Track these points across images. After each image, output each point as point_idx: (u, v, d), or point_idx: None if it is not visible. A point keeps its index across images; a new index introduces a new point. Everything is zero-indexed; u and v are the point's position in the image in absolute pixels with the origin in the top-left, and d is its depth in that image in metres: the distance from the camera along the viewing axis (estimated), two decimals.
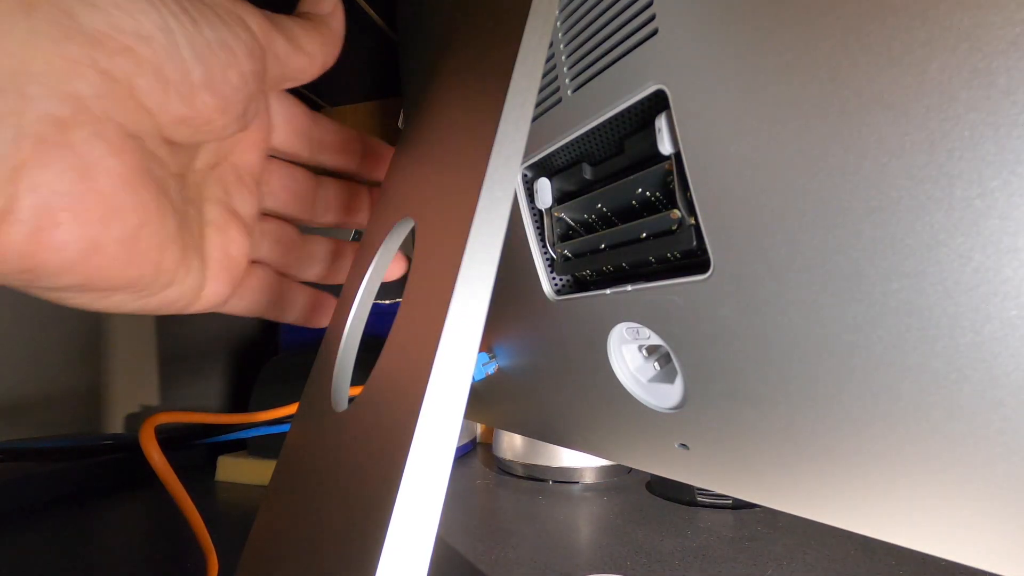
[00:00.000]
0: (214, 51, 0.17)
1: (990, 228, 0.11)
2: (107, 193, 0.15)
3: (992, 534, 0.13)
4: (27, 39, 0.13)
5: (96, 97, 0.15)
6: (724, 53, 0.15)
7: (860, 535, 0.16)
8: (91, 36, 0.14)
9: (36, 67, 0.14)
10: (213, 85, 0.17)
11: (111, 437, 0.56)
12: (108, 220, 0.15)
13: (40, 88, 0.14)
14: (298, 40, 0.20)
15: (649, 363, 0.24)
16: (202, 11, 0.17)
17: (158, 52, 0.15)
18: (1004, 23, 0.11)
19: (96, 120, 0.15)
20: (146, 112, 0.16)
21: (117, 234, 0.16)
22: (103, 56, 0.15)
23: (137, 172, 0.16)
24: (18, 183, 0.14)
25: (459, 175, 0.16)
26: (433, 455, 0.12)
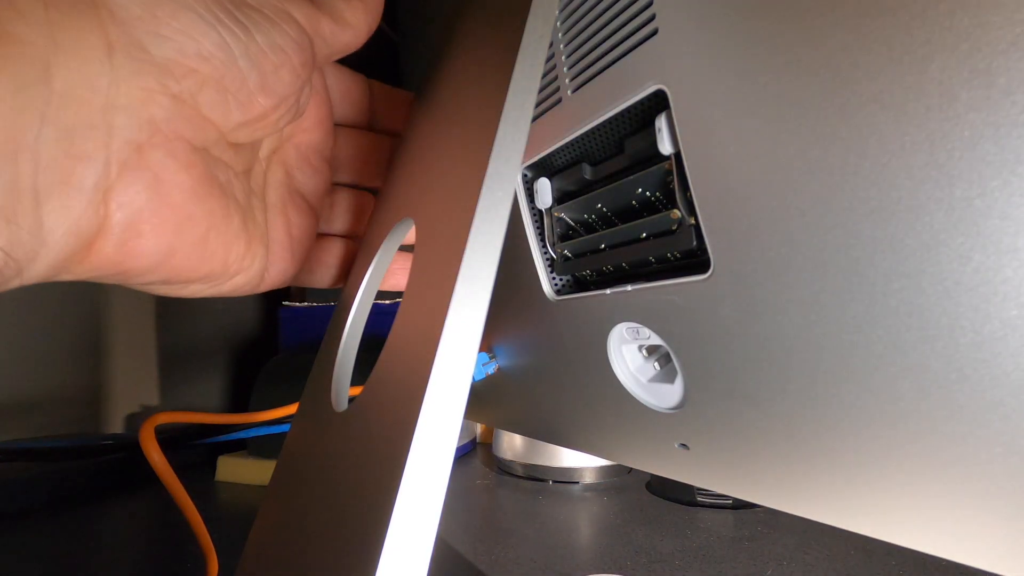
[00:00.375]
0: (266, 55, 0.18)
1: (990, 228, 0.11)
2: (179, 205, 0.17)
3: (992, 534, 0.13)
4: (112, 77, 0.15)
5: (167, 120, 0.17)
6: (724, 53, 0.15)
7: (860, 535, 0.16)
8: (161, 65, 0.16)
9: (120, 100, 0.15)
10: (267, 87, 0.18)
11: (111, 437, 0.56)
12: (181, 228, 0.18)
13: (124, 118, 0.16)
14: (342, 16, 0.21)
15: (649, 363, 0.24)
16: (252, 17, 0.18)
17: (218, 67, 0.17)
18: (1004, 23, 0.11)
19: (168, 140, 0.17)
20: (210, 124, 0.18)
21: (189, 239, 0.18)
22: (172, 81, 0.16)
23: (204, 182, 0.18)
24: (109, 204, 0.16)
25: (459, 175, 0.16)
26: (433, 455, 0.12)
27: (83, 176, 0.15)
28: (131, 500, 0.50)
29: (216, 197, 0.19)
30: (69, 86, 0.14)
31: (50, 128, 0.14)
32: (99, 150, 0.15)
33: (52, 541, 0.39)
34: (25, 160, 0.14)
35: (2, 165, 0.13)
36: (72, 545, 0.38)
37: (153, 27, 0.16)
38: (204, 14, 0.16)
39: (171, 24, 0.16)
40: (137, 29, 0.16)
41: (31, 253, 0.15)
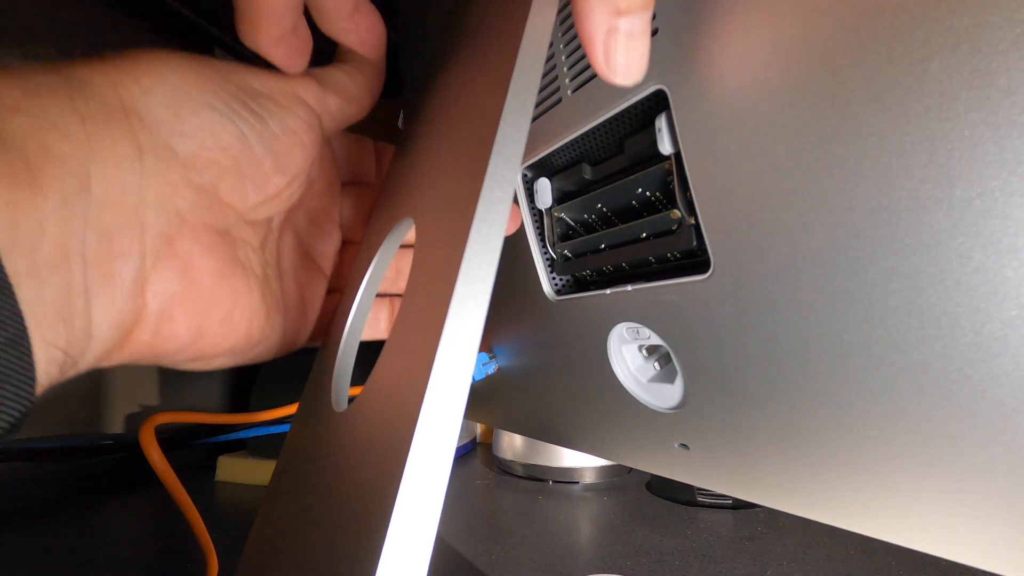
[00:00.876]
0: (279, 139, 0.19)
1: (990, 228, 0.11)
2: (206, 287, 0.19)
3: (992, 534, 0.13)
4: (142, 176, 0.16)
5: (192, 210, 0.18)
6: (724, 53, 0.15)
7: (860, 535, 0.16)
8: (185, 160, 0.17)
9: (150, 198, 0.17)
10: (281, 167, 0.20)
11: (111, 437, 0.56)
12: (208, 309, 0.19)
13: (153, 214, 0.17)
14: (347, 91, 0.22)
15: (649, 363, 0.24)
16: (265, 105, 0.19)
17: (236, 156, 0.18)
18: (1004, 23, 0.11)
19: (193, 229, 0.18)
20: (230, 208, 0.19)
21: (216, 318, 0.19)
22: (195, 174, 0.18)
23: (227, 262, 0.19)
24: (145, 294, 0.17)
25: (459, 175, 0.16)
26: (433, 455, 0.12)
27: (123, 272, 0.16)
28: (131, 500, 0.50)
29: (238, 275, 0.20)
30: (106, 191, 0.15)
31: (92, 232, 0.15)
32: (134, 246, 0.16)
33: (52, 541, 0.39)
34: (76, 264, 0.15)
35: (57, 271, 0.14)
36: (72, 545, 0.38)
37: (178, 127, 0.17)
38: (222, 109, 0.18)
39: (193, 122, 0.17)
40: (163, 130, 0.17)
41: (83, 348, 0.15)
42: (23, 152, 0.13)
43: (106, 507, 0.48)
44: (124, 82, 0.16)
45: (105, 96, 0.16)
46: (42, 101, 0.14)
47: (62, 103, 0.15)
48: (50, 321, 0.14)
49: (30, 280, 0.13)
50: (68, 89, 0.15)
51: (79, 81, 0.15)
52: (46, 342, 0.14)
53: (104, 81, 0.16)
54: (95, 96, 0.15)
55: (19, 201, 0.13)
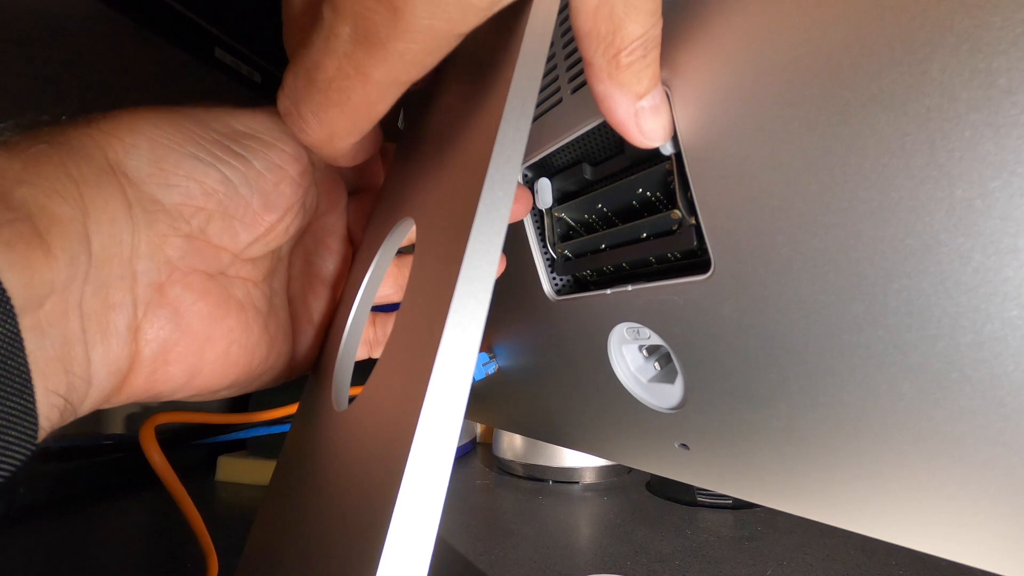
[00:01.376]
0: (264, 177, 0.19)
1: (990, 228, 0.11)
2: (198, 330, 0.19)
3: (992, 534, 0.13)
4: (132, 230, 0.17)
5: (182, 257, 0.18)
6: (724, 53, 0.15)
7: (860, 535, 0.16)
8: (171, 211, 0.18)
9: (141, 249, 0.17)
10: (270, 204, 0.20)
11: (111, 437, 0.56)
12: (202, 351, 0.19)
13: (144, 264, 0.17)
14: None
15: (649, 363, 0.24)
16: (247, 145, 0.19)
17: (222, 200, 0.19)
18: (1004, 23, 0.11)
19: (184, 275, 0.19)
20: (221, 250, 0.19)
21: (211, 358, 0.20)
22: (183, 223, 0.18)
23: (220, 304, 0.20)
24: (138, 341, 0.18)
25: (459, 175, 0.16)
26: (433, 455, 0.12)
27: (117, 321, 0.17)
28: (131, 500, 0.50)
29: (233, 315, 0.20)
30: (103, 247, 0.16)
31: (90, 286, 0.16)
32: (127, 297, 0.17)
33: (52, 541, 0.39)
34: (74, 317, 0.16)
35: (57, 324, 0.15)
36: (72, 545, 0.38)
37: (162, 179, 0.18)
38: (204, 156, 0.18)
39: (176, 173, 0.18)
40: (148, 184, 0.17)
41: (83, 395, 0.16)
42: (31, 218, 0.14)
43: (106, 507, 0.48)
44: (109, 142, 0.17)
45: (93, 157, 0.17)
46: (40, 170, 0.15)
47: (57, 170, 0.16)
48: (51, 371, 0.15)
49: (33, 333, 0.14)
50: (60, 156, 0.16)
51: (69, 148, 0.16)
52: (47, 390, 0.15)
53: (91, 144, 0.17)
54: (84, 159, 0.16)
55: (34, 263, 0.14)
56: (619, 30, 0.15)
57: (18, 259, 0.14)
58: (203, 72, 0.56)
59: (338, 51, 0.15)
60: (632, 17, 0.15)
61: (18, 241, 0.14)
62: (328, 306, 0.25)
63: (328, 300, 0.25)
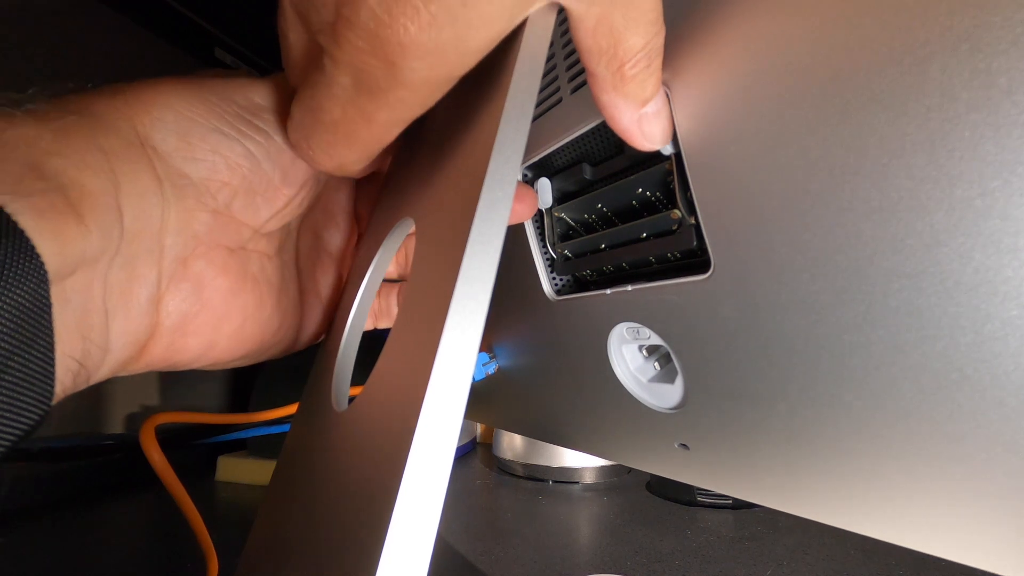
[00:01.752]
0: (284, 151, 0.20)
1: (990, 228, 0.11)
2: (217, 304, 0.20)
3: (992, 534, 0.13)
4: (163, 205, 0.17)
5: (207, 232, 0.19)
6: (724, 53, 0.15)
7: (860, 535, 0.16)
8: (199, 185, 0.18)
9: (170, 224, 0.18)
10: (288, 178, 0.20)
11: (111, 437, 0.56)
12: (219, 324, 0.20)
13: (172, 239, 0.18)
14: None
15: (649, 363, 0.24)
16: (268, 119, 0.19)
17: (246, 175, 0.19)
18: (1004, 23, 0.11)
19: (208, 250, 0.19)
20: (244, 226, 0.20)
21: (227, 332, 0.20)
22: (209, 197, 0.18)
23: (239, 279, 0.20)
24: (159, 313, 0.18)
25: (459, 175, 0.16)
26: (433, 455, 0.12)
27: (139, 294, 0.17)
28: (131, 500, 0.50)
29: (249, 291, 0.21)
30: (134, 220, 0.16)
31: (120, 259, 0.16)
32: (153, 269, 0.17)
33: (52, 541, 0.39)
34: (98, 288, 0.16)
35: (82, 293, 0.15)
36: (72, 545, 0.38)
37: (189, 153, 0.18)
38: (228, 131, 0.18)
39: (202, 147, 0.18)
40: (175, 158, 0.18)
41: (99, 362, 0.17)
42: (62, 188, 0.14)
43: (106, 507, 0.48)
44: (137, 115, 0.17)
45: (122, 130, 0.17)
46: (70, 140, 0.15)
47: (88, 142, 0.16)
48: (69, 336, 0.15)
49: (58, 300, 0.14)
50: (90, 127, 0.16)
51: (98, 118, 0.16)
52: (64, 355, 0.15)
53: (119, 116, 0.17)
54: (114, 131, 0.16)
55: (67, 233, 0.14)
56: (620, 43, 0.15)
57: (50, 228, 0.14)
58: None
59: (341, 98, 0.16)
60: (633, 30, 0.15)
61: (50, 210, 0.14)
62: (335, 280, 0.25)
63: (335, 275, 0.25)
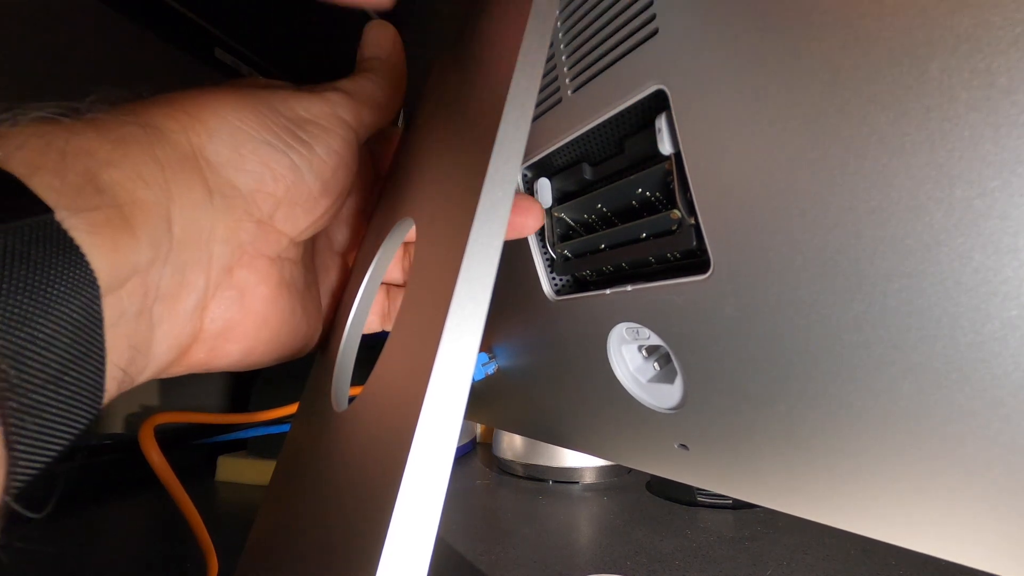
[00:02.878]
0: (325, 162, 0.20)
1: (990, 228, 0.11)
2: (258, 311, 0.20)
3: (992, 534, 0.13)
4: (213, 215, 0.18)
5: (252, 241, 0.19)
6: (724, 53, 0.15)
7: (860, 535, 0.16)
8: (247, 196, 0.19)
9: (219, 234, 0.18)
10: (328, 190, 0.21)
11: (111, 437, 0.56)
12: (259, 331, 0.20)
13: (220, 248, 0.18)
14: (377, 101, 0.23)
15: (649, 363, 0.24)
16: (310, 131, 0.20)
17: (289, 187, 0.19)
18: (1004, 23, 0.11)
19: (250, 258, 0.20)
20: (283, 235, 0.20)
21: (264, 337, 0.21)
22: (255, 207, 0.19)
23: (277, 287, 0.21)
24: (204, 318, 0.19)
25: (459, 175, 0.16)
26: (433, 455, 0.12)
27: (187, 301, 0.18)
28: (131, 500, 0.50)
29: (285, 297, 0.21)
30: (184, 231, 0.17)
31: (169, 268, 0.17)
32: (201, 277, 0.18)
33: (52, 541, 0.39)
34: (150, 295, 0.16)
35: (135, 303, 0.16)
36: (72, 545, 0.38)
37: (240, 165, 0.18)
38: (276, 143, 0.19)
39: (252, 159, 0.18)
40: (227, 169, 0.18)
41: (142, 368, 0.17)
42: (117, 201, 0.15)
43: (106, 507, 0.48)
44: (193, 127, 0.18)
45: (177, 142, 0.17)
46: (128, 151, 0.16)
47: (144, 152, 0.16)
48: (119, 346, 0.15)
49: (111, 311, 0.15)
50: (148, 138, 0.16)
51: (155, 129, 0.17)
52: (113, 364, 0.15)
53: (176, 127, 0.17)
54: (169, 142, 0.17)
55: (120, 246, 0.14)
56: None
57: (104, 243, 0.14)
58: (203, 72, 0.56)
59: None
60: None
61: (105, 225, 0.14)
62: (340, 278, 0.26)
63: (344, 273, 0.26)
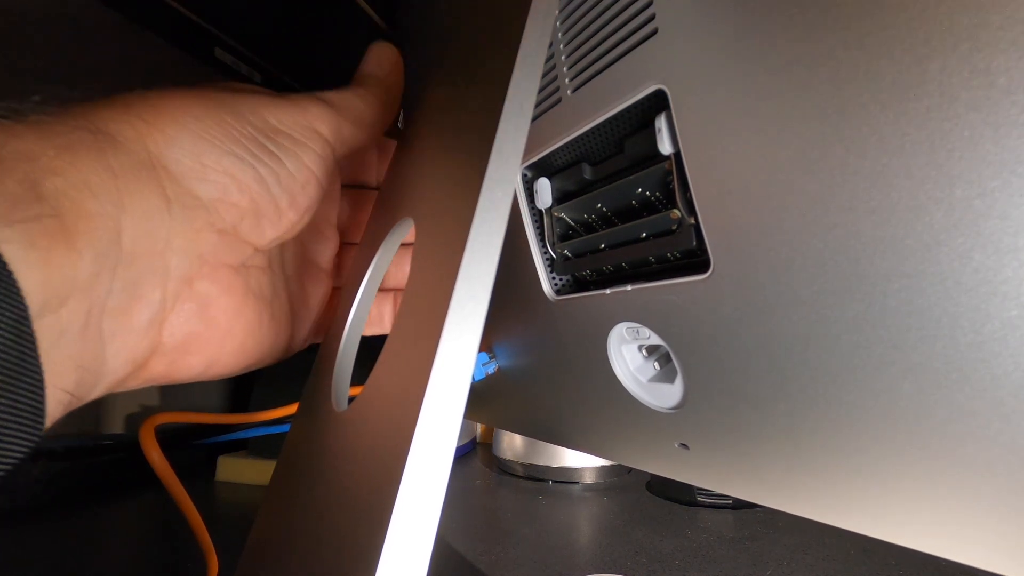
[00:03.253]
0: (294, 177, 0.20)
1: (990, 228, 0.11)
2: (221, 323, 0.19)
3: (992, 534, 0.13)
4: (170, 225, 0.17)
5: (213, 252, 0.19)
6: (724, 53, 0.15)
7: (860, 535, 0.16)
8: (208, 206, 0.18)
9: (176, 244, 0.17)
10: (295, 204, 0.20)
11: (111, 437, 0.56)
12: (223, 342, 0.20)
13: (178, 259, 0.17)
14: (361, 119, 0.22)
15: (649, 363, 0.24)
16: (281, 144, 0.19)
17: (255, 198, 0.19)
18: (1004, 23, 0.11)
19: (212, 269, 0.19)
20: (247, 245, 0.20)
21: (230, 349, 0.20)
22: (218, 218, 0.18)
23: (241, 297, 0.20)
24: (161, 332, 0.18)
25: (459, 175, 0.16)
26: (433, 455, 0.12)
27: (141, 315, 0.17)
28: (131, 500, 0.50)
29: (251, 307, 0.21)
30: (135, 242, 0.16)
31: (119, 282, 0.16)
32: (157, 291, 0.17)
33: (52, 541, 0.39)
34: (95, 314, 0.15)
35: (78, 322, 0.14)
36: (72, 545, 0.38)
37: (202, 175, 0.18)
38: (242, 154, 0.18)
39: (215, 169, 0.18)
40: (188, 179, 0.17)
41: (91, 387, 0.16)
42: (58, 212, 0.14)
43: (106, 507, 0.48)
44: (151, 133, 0.17)
45: (133, 149, 0.16)
46: (76, 158, 0.15)
47: (95, 159, 0.15)
48: (62, 368, 0.14)
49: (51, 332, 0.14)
50: (99, 144, 0.15)
51: (108, 136, 0.16)
52: (56, 387, 0.14)
53: (132, 134, 0.16)
54: (124, 149, 0.16)
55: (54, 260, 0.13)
56: None
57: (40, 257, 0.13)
58: (203, 72, 0.56)
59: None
60: None
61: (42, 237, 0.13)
62: (323, 289, 0.25)
63: (322, 282, 0.25)
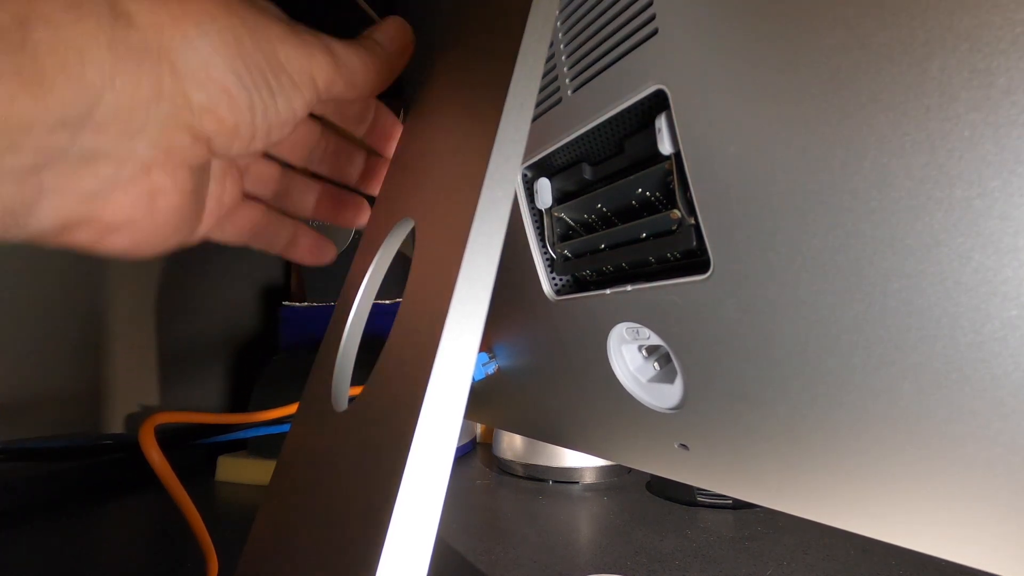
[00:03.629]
0: (280, 115, 0.20)
1: (990, 228, 0.11)
2: (161, 214, 0.20)
3: (992, 534, 0.13)
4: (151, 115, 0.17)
5: (181, 149, 0.19)
6: (724, 53, 0.15)
7: (860, 535, 0.16)
8: (195, 111, 0.18)
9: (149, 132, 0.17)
10: (270, 136, 0.21)
11: (111, 437, 0.56)
12: (155, 230, 0.20)
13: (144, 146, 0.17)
14: (356, 80, 0.22)
15: (649, 363, 0.24)
16: (280, 80, 0.20)
17: (239, 122, 0.19)
18: (1004, 23, 0.11)
19: (174, 165, 0.19)
20: (212, 153, 0.20)
21: (157, 237, 0.20)
22: (198, 125, 0.19)
23: (187, 196, 0.20)
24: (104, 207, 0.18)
25: (459, 175, 0.16)
26: (433, 455, 0.12)
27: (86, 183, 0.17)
28: (131, 500, 0.50)
29: (189, 203, 0.21)
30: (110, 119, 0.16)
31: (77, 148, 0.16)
32: (111, 167, 0.17)
33: (52, 541, 0.39)
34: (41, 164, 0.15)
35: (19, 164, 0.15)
36: (72, 545, 0.38)
37: (203, 83, 0.18)
38: (245, 78, 0.19)
39: (218, 82, 0.18)
40: (188, 82, 0.18)
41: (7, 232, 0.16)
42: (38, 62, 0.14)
43: (106, 507, 0.48)
44: (172, 29, 0.17)
45: (147, 36, 0.16)
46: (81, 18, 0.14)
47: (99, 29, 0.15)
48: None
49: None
50: (111, 17, 0.15)
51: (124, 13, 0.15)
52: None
53: (150, 21, 0.16)
54: (137, 32, 0.16)
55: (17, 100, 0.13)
56: None
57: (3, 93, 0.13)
58: None
59: None
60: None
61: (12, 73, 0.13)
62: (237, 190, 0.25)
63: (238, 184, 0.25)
